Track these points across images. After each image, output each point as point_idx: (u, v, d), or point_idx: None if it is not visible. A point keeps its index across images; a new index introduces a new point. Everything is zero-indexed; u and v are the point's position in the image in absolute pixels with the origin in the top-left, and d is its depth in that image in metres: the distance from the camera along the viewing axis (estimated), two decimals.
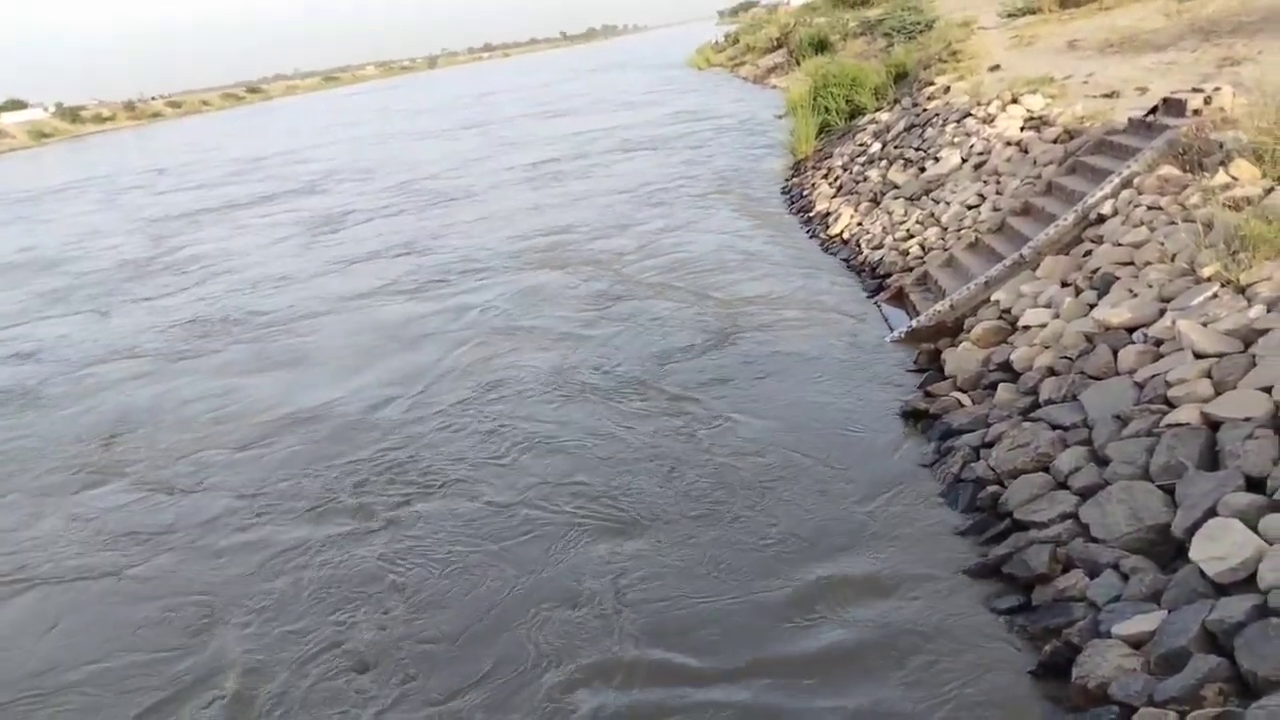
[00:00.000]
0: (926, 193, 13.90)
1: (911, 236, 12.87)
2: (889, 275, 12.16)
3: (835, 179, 17.77)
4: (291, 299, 16.33)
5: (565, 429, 9.21)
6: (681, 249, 15.61)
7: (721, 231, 16.46)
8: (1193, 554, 4.94)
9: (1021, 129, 13.47)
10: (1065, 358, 7.66)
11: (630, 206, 19.77)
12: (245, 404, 11.31)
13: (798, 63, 36.88)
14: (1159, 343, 6.94)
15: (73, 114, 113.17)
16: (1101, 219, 9.29)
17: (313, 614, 6.73)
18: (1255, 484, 5.16)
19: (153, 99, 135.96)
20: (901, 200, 14.33)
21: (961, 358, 8.88)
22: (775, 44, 51.09)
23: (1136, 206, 8.92)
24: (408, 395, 10.70)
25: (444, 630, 6.32)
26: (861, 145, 18.52)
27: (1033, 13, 23.05)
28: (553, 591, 6.56)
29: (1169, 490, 5.54)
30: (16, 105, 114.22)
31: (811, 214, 16.64)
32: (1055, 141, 12.18)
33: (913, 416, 8.28)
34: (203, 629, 6.77)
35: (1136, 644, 4.70)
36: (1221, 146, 8.77)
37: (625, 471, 8.14)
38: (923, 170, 14.75)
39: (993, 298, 9.63)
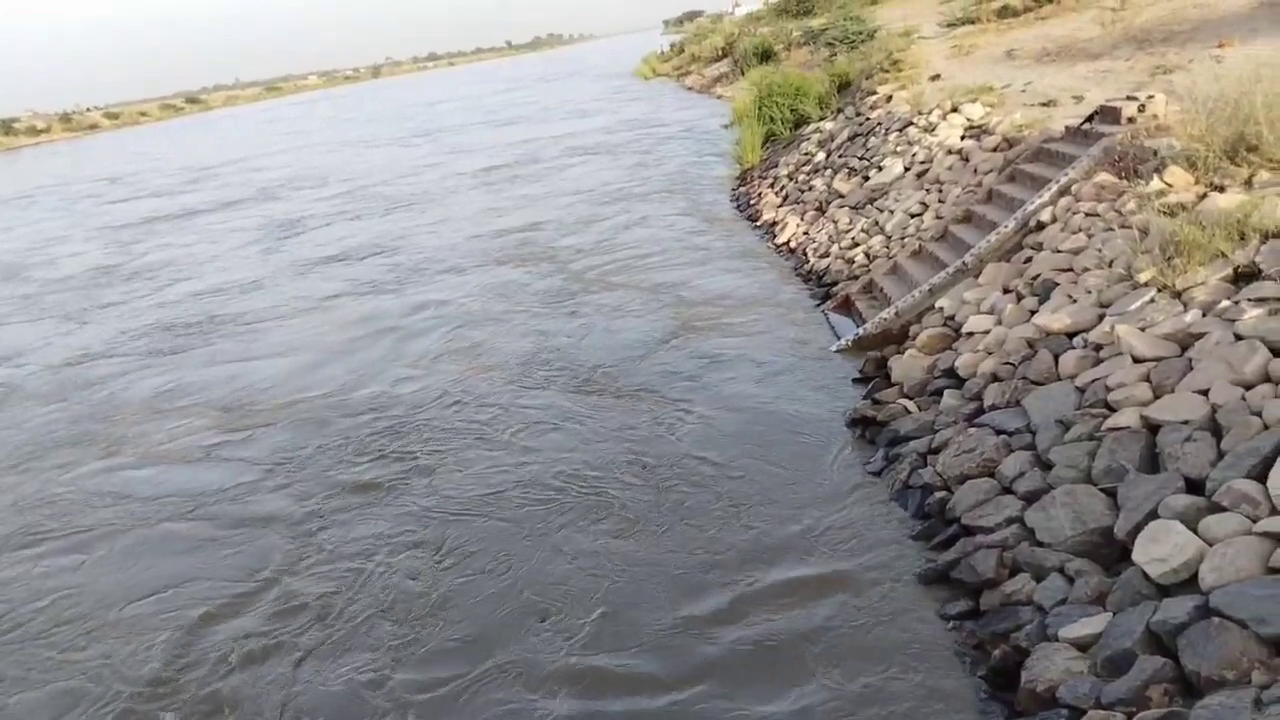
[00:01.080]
0: (871, 201, 14.03)
1: (857, 245, 12.97)
2: (835, 283, 12.23)
3: (781, 188, 17.88)
4: (262, 300, 16.46)
5: (518, 422, 9.54)
6: (632, 252, 15.77)
7: (672, 238, 16.48)
8: (1135, 556, 5.01)
9: (962, 137, 13.68)
10: (1008, 363, 7.75)
11: (585, 209, 19.97)
12: (231, 394, 11.78)
13: (742, 72, 37.16)
14: (1099, 347, 7.05)
15: (5, 126, 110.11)
16: (1041, 226, 9.43)
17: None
18: (1194, 485, 5.25)
19: (89, 110, 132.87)
20: (846, 209, 14.45)
21: (907, 365, 8.95)
22: (720, 53, 51.44)
23: (1075, 213, 9.06)
24: (379, 390, 11.09)
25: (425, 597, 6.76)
26: (806, 154, 18.67)
27: (972, 23, 23.41)
28: (478, 593, 6.65)
29: (1111, 493, 5.61)
30: None
31: (759, 222, 16.73)
32: (995, 150, 12.37)
33: (860, 424, 8.31)
34: (231, 571, 7.48)
35: (1083, 646, 4.75)
36: (1156, 153, 8.94)
37: (571, 476, 8.14)
38: (866, 179, 14.90)
39: (937, 305, 9.73)
